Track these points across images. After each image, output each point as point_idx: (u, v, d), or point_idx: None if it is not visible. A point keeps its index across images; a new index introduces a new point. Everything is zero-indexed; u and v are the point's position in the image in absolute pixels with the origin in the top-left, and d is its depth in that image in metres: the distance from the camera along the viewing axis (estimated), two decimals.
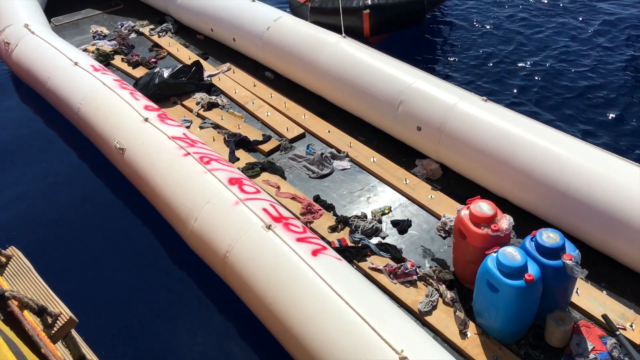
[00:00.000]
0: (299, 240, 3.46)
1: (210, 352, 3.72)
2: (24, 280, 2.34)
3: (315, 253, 3.36)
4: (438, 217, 4.31)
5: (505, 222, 3.45)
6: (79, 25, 7.62)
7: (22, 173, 5.35)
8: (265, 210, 3.68)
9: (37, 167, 5.41)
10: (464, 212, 3.55)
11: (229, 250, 3.55)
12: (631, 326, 3.41)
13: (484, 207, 3.48)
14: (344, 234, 4.21)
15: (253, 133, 5.30)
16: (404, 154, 4.92)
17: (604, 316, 3.36)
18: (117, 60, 6.64)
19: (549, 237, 3.26)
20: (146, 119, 4.59)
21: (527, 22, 7.70)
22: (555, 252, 3.22)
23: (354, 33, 6.00)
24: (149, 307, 4.02)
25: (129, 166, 4.50)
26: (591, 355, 3.28)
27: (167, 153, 4.26)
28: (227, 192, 3.83)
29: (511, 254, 3.16)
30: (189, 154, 4.20)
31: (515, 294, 3.12)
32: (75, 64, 5.48)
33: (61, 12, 7.88)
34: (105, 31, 7.38)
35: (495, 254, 3.21)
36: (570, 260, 3.16)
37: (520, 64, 6.74)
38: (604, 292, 3.68)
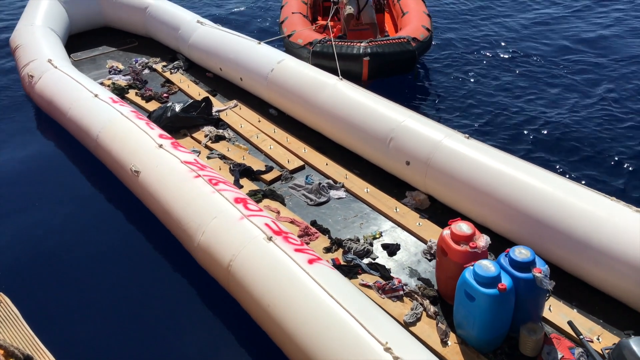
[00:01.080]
0: (297, 250, 3.84)
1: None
2: (10, 327, 2.33)
3: (311, 262, 3.74)
4: (425, 241, 4.70)
5: (483, 240, 3.86)
6: (96, 60, 8.17)
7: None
8: (267, 224, 4.07)
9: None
10: (446, 232, 3.95)
11: (232, 259, 3.92)
12: (598, 339, 3.75)
13: (463, 227, 3.89)
14: (338, 254, 4.58)
15: (256, 164, 5.74)
16: (395, 186, 5.35)
17: (569, 322, 3.71)
18: (132, 94, 7.14)
19: (520, 252, 3.65)
20: (160, 145, 5.03)
21: (510, 68, 8.40)
22: (526, 266, 3.60)
23: (353, 76, 6.55)
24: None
25: (142, 187, 4.90)
26: None
27: (179, 175, 4.68)
28: (233, 209, 4.23)
29: (486, 265, 3.54)
30: (199, 176, 4.62)
31: (489, 301, 3.48)
32: (95, 95, 5.97)
33: (80, 48, 8.43)
34: (121, 66, 7.93)
35: (472, 267, 3.59)
36: (540, 273, 3.55)
37: (500, 105, 7.40)
38: (575, 310, 4.04)
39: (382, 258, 4.58)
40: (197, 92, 7.16)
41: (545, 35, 9.58)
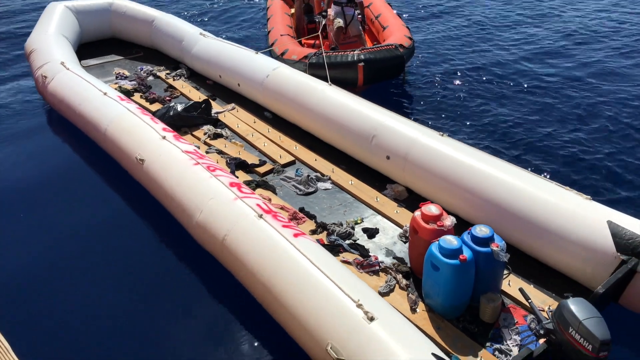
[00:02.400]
0: (284, 226, 4.33)
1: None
2: None
3: (296, 235, 4.21)
4: (401, 226, 5.18)
5: (449, 220, 4.35)
6: (104, 67, 8.73)
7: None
8: (258, 205, 4.56)
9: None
10: (417, 213, 4.44)
11: (227, 234, 4.40)
12: (549, 308, 4.22)
13: (432, 208, 4.38)
14: (322, 236, 5.06)
15: (251, 158, 6.24)
16: (376, 179, 5.85)
17: (520, 289, 4.19)
18: (136, 97, 7.67)
19: (481, 230, 4.14)
20: (164, 137, 5.54)
21: (480, 77, 9.17)
22: (486, 242, 4.08)
23: (349, 83, 7.20)
24: None
25: (146, 174, 5.39)
26: (514, 327, 4.09)
27: (180, 163, 5.18)
28: (228, 191, 4.72)
29: (450, 240, 4.03)
30: (198, 163, 5.12)
31: (452, 270, 3.95)
32: (104, 94, 6.49)
33: (89, 56, 9.00)
34: (127, 73, 8.48)
35: (437, 242, 4.08)
36: (497, 247, 4.04)
37: (471, 107, 8.13)
38: (531, 285, 4.52)
39: (362, 240, 5.06)
40: (198, 96, 7.70)
41: (516, 44, 10.54)
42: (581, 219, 4.41)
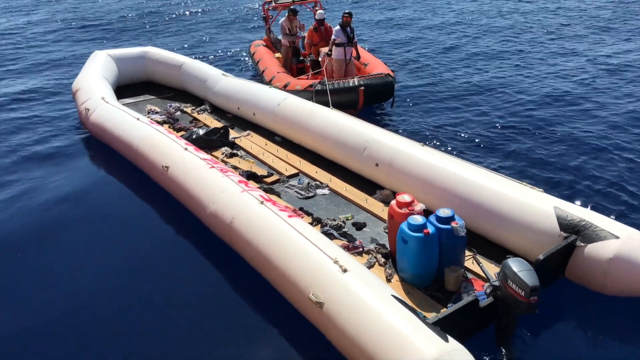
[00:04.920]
0: (281, 210, 5.23)
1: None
2: None
3: (290, 216, 5.10)
4: (385, 221, 6.00)
5: (419, 206, 5.18)
6: (138, 105, 9.95)
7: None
8: (261, 195, 5.48)
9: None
10: (393, 202, 5.29)
11: (234, 218, 5.31)
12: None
13: (405, 196, 5.23)
14: (317, 228, 5.92)
15: (260, 171, 7.21)
16: (367, 186, 6.73)
17: (474, 257, 4.94)
18: (165, 127, 8.80)
19: (444, 211, 4.94)
20: (185, 149, 6.58)
21: (451, 98, 10.52)
22: (447, 221, 4.88)
23: (351, 105, 8.41)
24: None
25: (170, 179, 6.39)
26: (472, 293, 4.81)
27: (199, 167, 6.18)
28: (236, 186, 5.67)
29: (416, 218, 4.85)
30: (213, 167, 6.11)
31: (417, 242, 4.74)
32: (137, 119, 7.63)
33: (126, 96, 10.27)
34: (158, 109, 9.68)
35: (407, 221, 4.91)
36: (456, 224, 4.83)
37: (445, 121, 9.40)
38: (492, 264, 5.25)
39: (351, 232, 5.89)
40: (219, 125, 8.79)
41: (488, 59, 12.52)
42: (533, 207, 5.20)
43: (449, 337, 3.68)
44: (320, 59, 10.22)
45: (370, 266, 5.25)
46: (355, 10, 15.14)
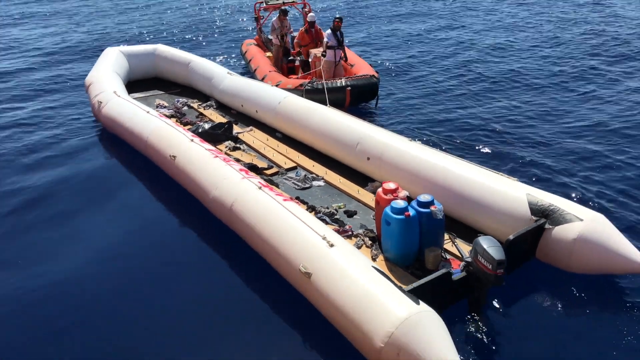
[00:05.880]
0: (277, 194, 5.74)
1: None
2: None
3: (285, 200, 5.61)
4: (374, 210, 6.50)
5: (402, 192, 5.68)
6: (147, 99, 10.50)
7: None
8: (259, 182, 6.00)
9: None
10: (379, 189, 5.79)
11: (234, 201, 5.82)
12: None
13: (390, 184, 5.72)
14: (311, 215, 6.41)
15: (261, 164, 7.72)
16: (360, 179, 7.23)
17: (450, 235, 5.43)
18: (172, 121, 9.32)
19: (424, 197, 5.44)
20: (192, 140, 7.10)
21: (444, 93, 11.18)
22: (427, 205, 5.37)
23: (338, 104, 8.87)
24: None
25: (177, 168, 6.91)
26: (450, 270, 5.30)
27: (204, 157, 6.69)
28: (237, 174, 6.18)
29: (398, 202, 5.34)
30: (217, 156, 6.63)
31: (399, 223, 5.24)
32: (147, 112, 8.17)
33: (136, 91, 10.83)
34: (166, 104, 10.23)
35: (390, 204, 5.40)
36: (435, 208, 5.33)
37: (431, 119, 10.02)
38: (469, 246, 5.72)
39: (342, 219, 6.39)
40: (223, 121, 9.32)
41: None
42: (507, 194, 5.69)
43: (420, 302, 4.17)
44: (310, 60, 10.90)
45: (358, 247, 5.74)
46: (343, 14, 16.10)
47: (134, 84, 11.09)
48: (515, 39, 14.99)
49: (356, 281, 4.42)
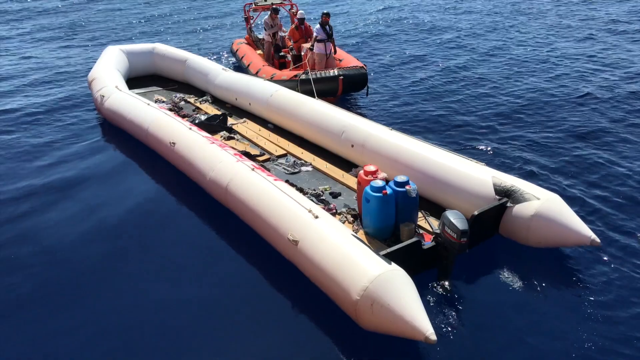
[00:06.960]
0: (268, 175, 6.36)
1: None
2: None
3: (275, 179, 6.24)
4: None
5: (382, 174, 6.32)
6: (146, 95, 11.08)
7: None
8: (252, 164, 6.62)
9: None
10: (361, 171, 6.42)
11: (229, 181, 6.44)
12: None
13: (370, 167, 6.36)
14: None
15: (254, 151, 8.34)
16: (345, 165, 7.87)
17: (421, 211, 6.07)
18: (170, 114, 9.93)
19: (400, 177, 6.07)
20: (190, 128, 7.71)
21: (416, 92, 11.91)
22: (403, 185, 6.01)
23: (331, 93, 9.63)
24: None
25: (176, 153, 7.51)
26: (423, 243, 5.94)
27: (201, 143, 7.30)
28: (232, 158, 6.79)
29: (377, 181, 5.98)
30: (214, 142, 7.24)
31: (377, 200, 5.86)
32: (148, 104, 8.76)
33: (135, 87, 11.41)
34: (164, 99, 10.82)
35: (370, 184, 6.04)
36: (409, 188, 5.97)
37: (412, 110, 10.72)
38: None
39: (327, 199, 7.02)
40: (218, 113, 9.93)
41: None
42: (475, 176, 6.32)
43: (393, 263, 4.80)
44: (303, 53, 11.63)
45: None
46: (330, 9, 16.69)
47: (133, 81, 11.67)
48: (503, 36, 15.93)
49: (337, 246, 5.05)
